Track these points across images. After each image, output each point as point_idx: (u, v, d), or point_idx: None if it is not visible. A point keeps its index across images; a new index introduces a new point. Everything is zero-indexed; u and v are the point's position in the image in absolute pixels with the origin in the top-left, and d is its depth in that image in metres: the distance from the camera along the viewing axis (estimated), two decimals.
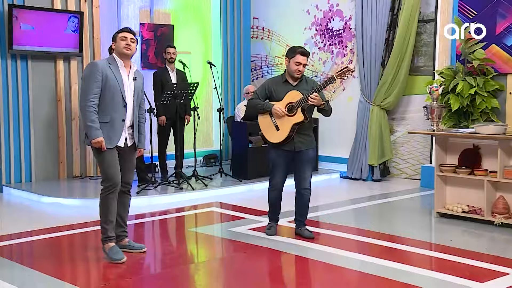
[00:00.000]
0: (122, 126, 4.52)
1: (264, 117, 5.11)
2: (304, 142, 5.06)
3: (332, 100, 9.05)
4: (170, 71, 7.94)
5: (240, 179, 7.92)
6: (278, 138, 5.03)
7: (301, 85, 5.05)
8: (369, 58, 8.23)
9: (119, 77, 4.50)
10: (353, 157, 8.48)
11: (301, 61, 4.95)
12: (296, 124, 4.96)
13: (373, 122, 8.21)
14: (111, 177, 4.52)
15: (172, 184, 7.49)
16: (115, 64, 4.53)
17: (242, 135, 8.08)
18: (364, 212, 6.46)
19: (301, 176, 5.08)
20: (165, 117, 7.79)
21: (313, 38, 9.31)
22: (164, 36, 9.31)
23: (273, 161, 5.12)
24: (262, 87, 5.15)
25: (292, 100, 4.96)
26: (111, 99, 4.46)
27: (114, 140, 4.51)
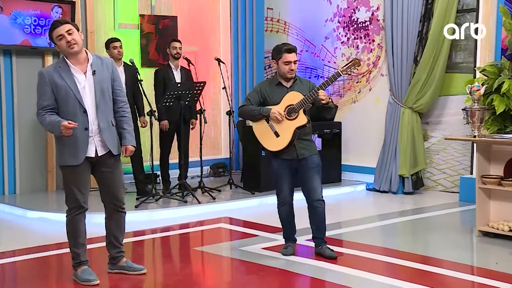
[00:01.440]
0: (86, 136, 4.46)
1: (260, 123, 5.15)
2: (307, 148, 5.10)
3: (357, 101, 9.03)
4: (174, 69, 7.95)
5: (252, 192, 7.91)
6: (278, 145, 5.06)
7: (296, 86, 5.12)
8: (399, 53, 8.19)
9: (71, 80, 4.42)
10: (381, 166, 8.44)
11: (290, 59, 5.03)
12: (298, 128, 5.02)
13: (404, 126, 8.17)
14: (74, 199, 4.52)
15: (175, 197, 7.49)
16: (64, 66, 4.45)
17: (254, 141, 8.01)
18: (393, 230, 6.42)
19: (310, 187, 5.09)
20: (167, 121, 7.80)
21: (336, 31, 9.29)
22: (167, 29, 9.33)
23: (276, 173, 5.15)
24: (254, 92, 5.21)
25: (292, 102, 5.02)
26: (67, 108, 4.41)
27: (80, 154, 4.45)
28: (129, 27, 9.08)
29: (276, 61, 5.12)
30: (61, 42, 4.41)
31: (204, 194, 7.74)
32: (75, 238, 4.58)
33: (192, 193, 7.53)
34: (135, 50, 9.11)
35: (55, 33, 4.42)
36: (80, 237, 4.59)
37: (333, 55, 9.32)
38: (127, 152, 4.63)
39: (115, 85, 4.59)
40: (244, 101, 5.22)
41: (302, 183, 5.14)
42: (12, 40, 7.78)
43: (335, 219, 6.57)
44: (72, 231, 4.57)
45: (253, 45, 10.11)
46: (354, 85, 9.10)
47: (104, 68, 4.54)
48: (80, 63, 4.47)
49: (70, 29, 4.42)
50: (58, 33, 4.41)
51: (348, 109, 9.18)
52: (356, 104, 9.09)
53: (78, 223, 4.56)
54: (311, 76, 9.58)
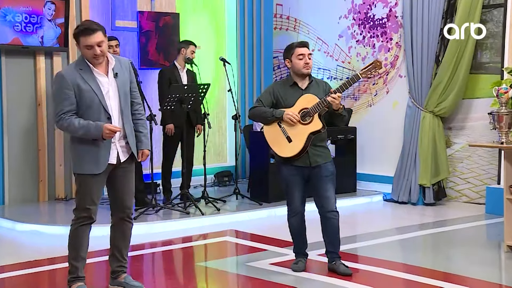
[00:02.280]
0: (108, 143, 4.50)
1: (271, 127, 5.16)
2: (320, 155, 5.12)
3: (373, 105, 9.01)
4: (181, 70, 7.98)
5: (259, 202, 7.90)
6: (291, 151, 5.07)
7: (312, 88, 5.14)
8: (419, 53, 8.17)
9: (95, 84, 4.46)
10: (399, 175, 8.41)
11: (304, 52, 5.08)
12: (313, 133, 5.03)
13: (425, 132, 8.15)
14: (84, 208, 4.54)
15: (177, 208, 7.48)
16: (86, 69, 4.48)
17: (263, 148, 8.01)
18: (413, 244, 6.40)
19: (323, 196, 5.09)
20: (173, 125, 7.83)
21: (350, 29, 9.29)
22: (168, 27, 9.34)
23: (287, 181, 5.15)
24: (266, 93, 5.23)
25: (307, 105, 5.04)
26: (90, 114, 4.44)
27: (102, 162, 4.49)
28: (127, 25, 9.09)
29: (289, 59, 5.14)
30: (87, 52, 4.43)
31: (208, 205, 7.73)
32: (77, 250, 4.58)
33: (195, 203, 7.52)
34: (134, 49, 9.12)
35: (84, 41, 4.41)
36: (82, 250, 4.59)
37: (347, 54, 9.31)
38: (144, 156, 4.70)
39: (131, 86, 4.67)
40: (255, 102, 5.23)
41: (315, 193, 5.13)
42: (1, 39, 7.79)
43: (350, 232, 6.55)
44: (75, 243, 4.58)
45: (261, 44, 10.10)
46: (370, 87, 9.07)
47: (123, 70, 4.62)
48: (101, 65, 4.52)
49: (101, 41, 4.42)
50: (87, 43, 4.41)
51: (363, 113, 9.16)
52: (372, 108, 9.07)
53: (82, 235, 4.57)
54: (324, 77, 9.56)
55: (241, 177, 9.76)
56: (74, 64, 4.58)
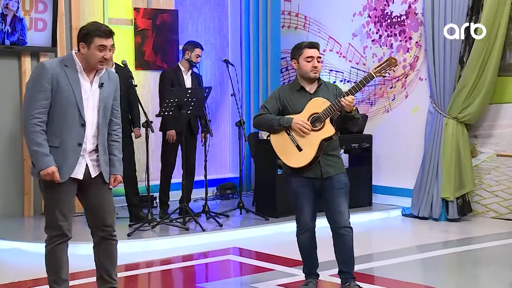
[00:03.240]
0: (77, 152, 4.47)
1: (279, 135, 5.16)
2: (333, 165, 5.10)
3: (391, 110, 8.99)
4: (185, 73, 8.01)
5: (266, 217, 7.88)
6: (301, 161, 5.05)
7: (321, 93, 5.13)
8: (442, 53, 8.15)
9: (76, 85, 4.45)
10: (419, 188, 8.39)
11: (313, 54, 5.07)
12: (325, 139, 5.01)
13: (448, 140, 8.13)
14: (55, 225, 4.49)
15: (176, 223, 7.48)
16: (72, 67, 4.47)
17: (269, 157, 8.02)
18: (435, 264, 6.36)
19: (335, 211, 5.07)
20: (175, 131, 7.85)
21: (365, 27, 9.28)
22: (166, 25, 9.35)
23: (296, 194, 5.14)
24: (272, 99, 5.23)
25: (317, 109, 5.02)
26: (62, 115, 4.43)
27: (66, 171, 4.45)
28: (121, 23, 9.09)
29: (296, 60, 5.14)
30: (97, 53, 4.43)
31: (209, 220, 7.73)
32: (57, 272, 4.55)
33: (195, 218, 7.50)
34: (128, 49, 9.13)
35: (99, 41, 4.44)
36: (62, 272, 4.56)
37: (362, 55, 9.29)
38: (116, 182, 4.68)
39: (114, 104, 4.66)
40: (260, 110, 5.23)
41: (326, 207, 5.11)
42: None
43: (365, 250, 6.54)
44: (53, 264, 4.54)
45: (267, 44, 10.10)
46: (387, 91, 9.05)
47: (110, 83, 4.63)
48: (90, 71, 4.53)
49: (113, 45, 4.53)
50: (103, 43, 4.44)
51: (380, 120, 9.15)
52: (389, 114, 9.05)
53: (60, 255, 4.53)
54: (336, 80, 9.55)
55: (246, 190, 9.75)
56: (60, 59, 4.57)
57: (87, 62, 4.47)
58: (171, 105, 7.27)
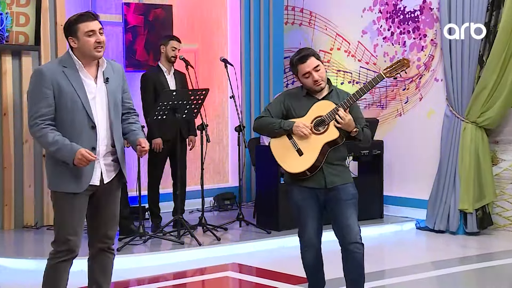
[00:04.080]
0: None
1: (279, 140, 5.15)
2: (339, 175, 5.08)
3: (404, 114, 8.97)
4: (166, 73, 8.00)
5: (267, 230, 7.89)
6: (301, 165, 5.03)
7: (330, 99, 5.11)
8: (459, 52, 8.15)
9: (79, 85, 4.48)
10: (435, 198, 8.38)
11: (309, 68, 5.02)
12: (328, 143, 4.99)
13: (466, 146, 8.13)
14: (64, 239, 4.51)
15: (169, 237, 7.48)
16: (72, 67, 4.50)
17: (271, 165, 7.99)
18: (452, 282, 6.38)
19: (343, 225, 5.03)
20: (161, 140, 7.83)
21: (376, 24, 9.28)
22: (159, 22, 9.34)
23: (298, 206, 5.12)
24: (276, 102, 5.25)
25: (321, 112, 5.02)
26: (70, 120, 4.45)
27: (84, 179, 4.48)
28: (111, 19, 9.09)
29: (296, 76, 5.18)
30: (89, 40, 4.46)
31: (206, 234, 7.73)
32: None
33: (190, 232, 7.49)
34: (118, 48, 9.14)
35: (85, 27, 4.46)
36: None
37: (372, 54, 9.29)
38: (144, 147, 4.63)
39: (124, 96, 4.72)
40: (262, 112, 5.23)
41: (334, 220, 5.08)
42: None
43: (375, 266, 6.52)
44: (53, 282, 4.55)
45: (269, 42, 10.12)
46: (400, 93, 9.04)
47: (115, 76, 4.66)
48: (91, 66, 4.56)
49: (102, 28, 4.54)
50: (89, 28, 4.46)
51: (392, 124, 9.14)
52: (402, 118, 9.04)
53: (62, 273, 4.56)
54: (344, 81, 9.55)
55: (246, 201, 9.77)
56: (58, 60, 4.61)
57: (85, 55, 4.50)
58: (164, 109, 7.26)
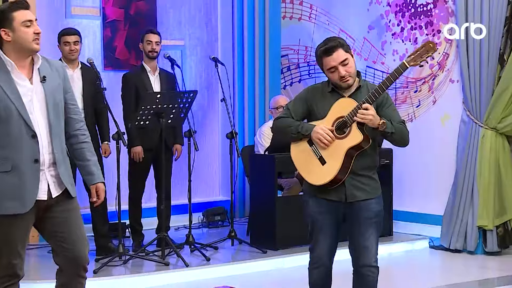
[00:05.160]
0: (36, 170, 4.42)
1: (299, 145, 5.08)
2: (362, 188, 5.00)
3: (415, 119, 8.96)
4: (150, 73, 7.98)
5: (263, 250, 7.87)
6: (325, 176, 4.95)
7: (358, 96, 4.99)
8: (477, 50, 8.14)
9: (12, 88, 4.37)
10: (451, 214, 8.37)
11: (333, 63, 4.90)
12: (352, 148, 4.89)
13: (485, 156, 8.13)
14: (7, 264, 4.44)
15: (153, 257, 7.47)
16: (1, 69, 4.40)
17: (268, 176, 8.01)
18: None
19: (360, 246, 5.00)
20: (141, 148, 7.80)
21: (385, 18, 9.28)
22: (142, 16, 9.35)
23: (313, 219, 5.08)
24: (299, 100, 5.16)
25: (343, 112, 4.91)
26: (5, 133, 4.35)
27: (27, 197, 4.40)
28: (87, 13, 9.06)
29: (321, 67, 5.05)
30: (26, 30, 4.39)
31: (194, 253, 7.72)
32: None
33: (176, 251, 7.48)
34: (96, 45, 9.12)
35: (22, 16, 4.39)
36: None
37: (380, 52, 9.30)
38: (100, 192, 4.66)
39: (67, 98, 4.61)
40: (283, 111, 5.16)
41: (351, 239, 5.05)
42: None
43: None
44: None
45: (265, 39, 10.12)
46: (411, 95, 9.04)
47: (54, 74, 4.55)
48: (24, 66, 4.47)
49: (35, 18, 4.47)
50: (27, 17, 4.40)
51: None
52: (414, 124, 9.03)
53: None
54: None
55: (239, 216, 9.78)
56: None
57: (20, 50, 4.41)
58: (147, 113, 7.24)
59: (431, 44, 4.91)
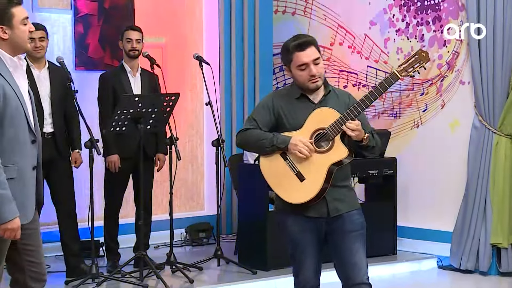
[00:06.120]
0: (33, 178, 4.55)
1: (271, 159, 5.10)
2: (343, 200, 5.07)
3: (421, 125, 8.95)
4: (131, 74, 8.02)
5: (253, 270, 7.87)
6: (306, 194, 4.99)
7: (329, 102, 5.08)
8: (490, 49, 8.15)
9: (17, 88, 4.48)
10: (461, 230, 8.39)
11: (306, 59, 4.96)
12: (335, 164, 4.95)
13: (500, 165, 8.15)
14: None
15: (130, 279, 7.48)
16: (2, 68, 4.48)
17: (258, 188, 8.00)
18: None
19: (349, 262, 5.02)
20: (118, 157, 7.82)
21: (388, 13, 9.30)
22: (117, 10, 9.36)
23: (294, 241, 5.12)
24: (263, 108, 5.18)
25: (322, 124, 4.96)
26: (14, 136, 4.44)
27: (29, 208, 4.51)
28: (56, 6, 9.04)
29: (287, 67, 5.10)
30: (25, 28, 4.52)
31: (175, 274, 7.73)
32: None
33: (156, 272, 7.46)
34: (66, 43, 9.11)
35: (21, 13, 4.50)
36: None
37: (383, 50, 9.31)
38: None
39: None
40: (246, 123, 5.19)
41: (337, 256, 5.07)
42: None
43: None
44: None
45: (255, 36, 10.15)
46: (417, 98, 9.04)
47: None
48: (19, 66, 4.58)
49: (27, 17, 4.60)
50: (25, 14, 4.52)
51: (407, 138, 9.17)
52: (420, 130, 9.06)
53: None
54: (348, 83, 9.57)
55: (226, 233, 9.81)
56: None
57: (14, 49, 4.53)
58: (124, 118, 7.22)
59: (423, 53, 4.96)
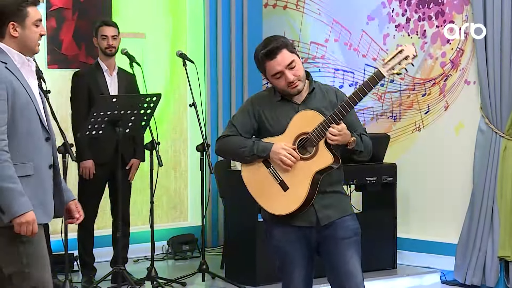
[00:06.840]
0: (50, 178, 4.65)
1: (252, 168, 5.14)
2: (334, 205, 5.08)
3: (423, 128, 8.95)
4: (107, 73, 8.04)
5: (241, 286, 7.90)
6: (289, 205, 5.01)
7: (314, 101, 5.09)
8: (497, 46, 8.16)
9: (27, 85, 4.57)
10: (466, 242, 8.39)
11: (280, 67, 4.94)
12: (320, 172, 4.95)
13: (508, 171, 8.15)
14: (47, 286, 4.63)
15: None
16: (11, 64, 4.55)
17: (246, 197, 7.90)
18: None
19: (341, 271, 5.05)
20: (92, 163, 7.84)
21: (387, 7, 9.31)
22: (93, 3, 9.37)
23: (281, 251, 5.15)
24: (242, 114, 5.21)
25: (306, 127, 4.96)
26: (27, 131, 4.53)
27: (49, 208, 4.66)
28: None
29: (263, 73, 5.11)
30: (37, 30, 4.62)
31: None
32: None
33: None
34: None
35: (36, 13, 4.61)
36: None
37: (381, 47, 9.32)
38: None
39: None
40: (226, 129, 5.20)
41: (329, 266, 5.09)
42: None
43: None
44: None
45: (243, 32, 10.18)
46: (419, 99, 9.04)
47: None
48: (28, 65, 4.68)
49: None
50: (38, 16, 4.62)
51: (408, 142, 9.18)
52: (422, 133, 9.06)
53: None
54: (344, 83, 9.58)
55: (211, 245, 9.82)
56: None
57: (23, 49, 4.64)
58: (100, 121, 7.20)
59: (406, 48, 4.91)
